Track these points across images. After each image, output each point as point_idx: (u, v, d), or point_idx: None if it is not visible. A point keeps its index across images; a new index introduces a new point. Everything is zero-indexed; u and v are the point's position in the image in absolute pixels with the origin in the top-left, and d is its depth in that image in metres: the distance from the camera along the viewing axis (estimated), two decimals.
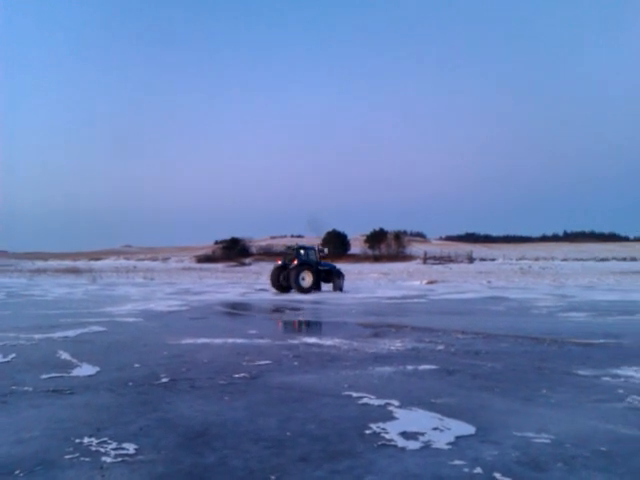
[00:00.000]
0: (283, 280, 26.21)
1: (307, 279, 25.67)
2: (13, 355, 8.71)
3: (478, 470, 3.86)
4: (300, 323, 13.51)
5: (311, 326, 12.97)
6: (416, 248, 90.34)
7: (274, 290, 26.29)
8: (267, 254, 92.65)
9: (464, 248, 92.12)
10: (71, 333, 11.45)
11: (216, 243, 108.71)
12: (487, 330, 11.47)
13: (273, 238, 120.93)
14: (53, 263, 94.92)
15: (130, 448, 4.30)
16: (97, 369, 7.62)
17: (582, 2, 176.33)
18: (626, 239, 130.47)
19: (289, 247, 29.21)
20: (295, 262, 25.95)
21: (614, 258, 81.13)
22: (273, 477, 3.75)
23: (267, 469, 3.90)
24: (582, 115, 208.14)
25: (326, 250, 29.97)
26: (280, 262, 27.19)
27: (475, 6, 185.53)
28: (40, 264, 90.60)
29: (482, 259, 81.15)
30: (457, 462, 4.03)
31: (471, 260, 77.81)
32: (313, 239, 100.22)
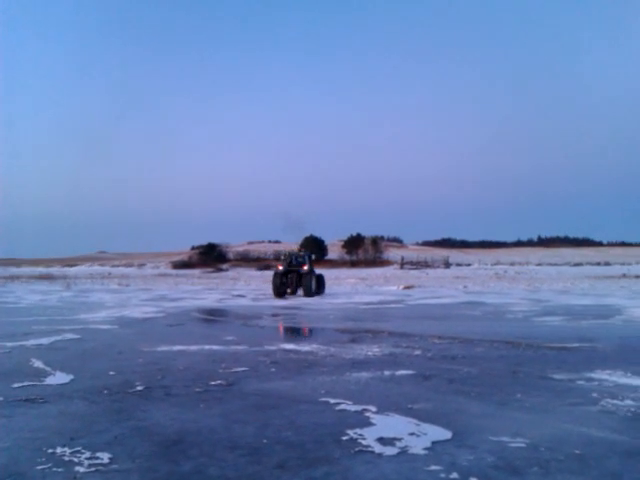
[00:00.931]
0: (283, 286, 26.09)
1: (314, 284, 26.11)
2: None
3: (454, 475, 3.88)
4: (278, 329, 13.48)
5: (289, 332, 12.95)
6: (393, 253, 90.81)
7: (275, 297, 25.67)
8: (244, 260, 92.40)
9: (440, 253, 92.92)
10: (45, 341, 11.27)
11: (192, 249, 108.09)
12: (463, 335, 11.55)
13: (250, 244, 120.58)
14: (26, 269, 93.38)
15: (104, 457, 4.24)
16: (71, 377, 7.51)
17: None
18: (600, 244, 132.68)
19: (286, 253, 29.59)
20: (306, 268, 26.43)
21: (588, 263, 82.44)
22: None
23: (244, 477, 3.87)
24: (557, 121, 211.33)
25: (314, 256, 30.17)
26: (282, 268, 26.82)
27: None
28: (13, 270, 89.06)
29: (458, 264, 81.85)
30: (433, 467, 4.05)
31: (447, 265, 78.48)
32: (290, 244, 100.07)
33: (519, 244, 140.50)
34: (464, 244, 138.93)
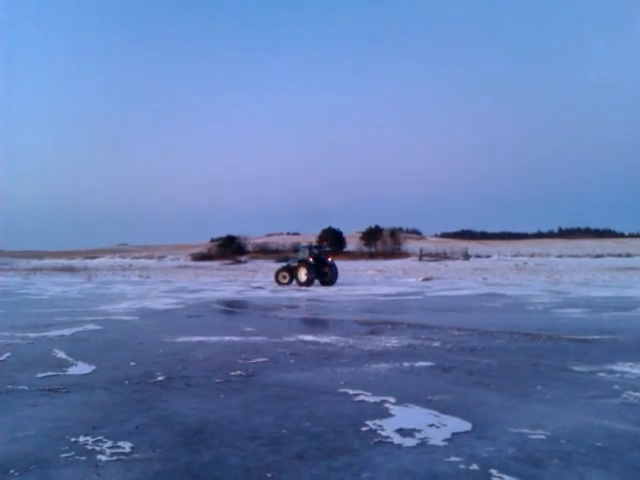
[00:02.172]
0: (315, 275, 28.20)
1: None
2: (8, 354, 8.69)
3: (474, 467, 3.87)
4: (296, 320, 13.51)
5: (307, 323, 12.97)
6: (412, 245, 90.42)
7: (302, 287, 27.42)
8: (263, 252, 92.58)
9: (459, 245, 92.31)
10: (67, 332, 11.42)
11: (212, 241, 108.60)
12: (483, 327, 11.49)
13: (269, 236, 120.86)
14: (49, 262, 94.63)
15: (126, 446, 4.30)
16: (93, 367, 7.61)
17: (584, 2, 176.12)
18: (621, 235, 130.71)
19: (307, 245, 31.38)
20: (330, 259, 29.31)
21: (609, 254, 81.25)
22: (269, 475, 3.75)
23: (263, 467, 3.90)
24: (576, 112, 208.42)
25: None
26: (312, 259, 28.76)
27: (474, 6, 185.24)
28: (36, 263, 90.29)
29: (477, 256, 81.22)
30: (453, 459, 4.04)
31: (467, 257, 77.94)
32: (309, 236, 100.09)
33: (539, 235, 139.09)
34: (483, 235, 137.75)
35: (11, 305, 19.15)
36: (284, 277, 28.93)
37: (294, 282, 28.44)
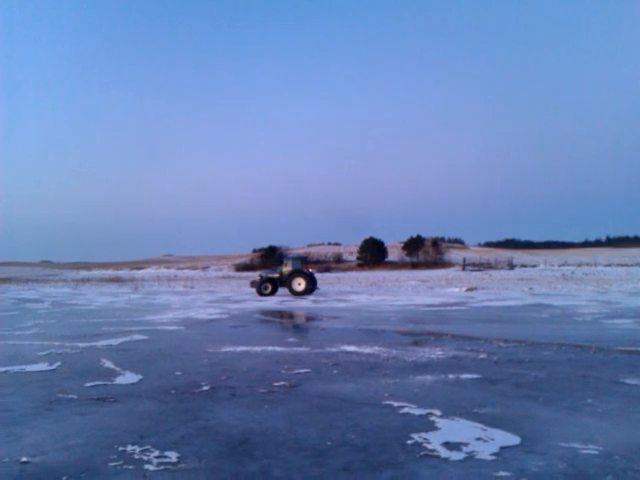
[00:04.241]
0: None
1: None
2: (58, 363, 8.92)
3: None
4: (338, 331, 13.45)
5: (349, 334, 12.89)
6: (454, 255, 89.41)
7: (301, 296, 29.85)
8: (305, 262, 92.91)
9: (504, 254, 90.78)
10: (114, 341, 11.67)
11: (254, 251, 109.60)
12: (530, 338, 11.23)
13: (310, 246, 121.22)
14: (97, 272, 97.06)
15: (172, 456, 4.35)
16: (140, 377, 7.74)
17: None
18: None
19: (297, 257, 35.13)
20: (310, 270, 32.59)
21: None
22: None
23: (308, 479, 3.88)
24: (620, 116, 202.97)
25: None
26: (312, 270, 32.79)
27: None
28: (84, 274, 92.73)
29: (523, 265, 79.69)
30: (502, 473, 3.94)
31: (511, 267, 76.53)
32: (350, 246, 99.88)
33: (587, 244, 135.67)
34: (529, 245, 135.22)
35: (61, 315, 19.68)
36: (266, 288, 30.52)
37: (270, 292, 30.43)
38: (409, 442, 4.67)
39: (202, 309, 21.16)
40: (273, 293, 30.47)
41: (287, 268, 31.09)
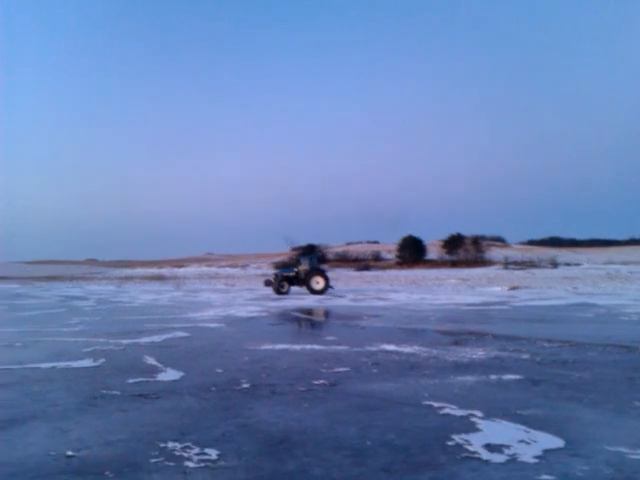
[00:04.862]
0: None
1: None
2: (103, 360, 9.12)
3: None
4: (378, 329, 13.40)
5: (389, 333, 12.82)
6: (495, 253, 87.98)
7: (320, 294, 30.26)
8: (343, 260, 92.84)
9: (547, 252, 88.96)
10: (157, 338, 11.88)
11: (293, 250, 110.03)
12: (574, 338, 10.98)
13: (349, 244, 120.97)
14: (140, 270, 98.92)
15: (212, 454, 4.39)
16: (181, 374, 7.86)
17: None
18: None
19: (315, 255, 35.56)
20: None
21: None
22: None
23: (348, 479, 3.87)
24: None
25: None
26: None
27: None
28: (128, 272, 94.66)
29: (567, 264, 77.95)
30: (545, 477, 3.86)
31: (555, 265, 74.94)
32: (388, 245, 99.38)
33: (632, 242, 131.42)
34: (573, 243, 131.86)
35: (105, 312, 20.14)
36: (283, 286, 30.67)
37: (284, 289, 30.60)
38: (450, 443, 4.61)
39: (242, 307, 21.38)
40: (288, 292, 30.78)
41: (304, 267, 31.35)
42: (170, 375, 7.82)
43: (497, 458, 4.25)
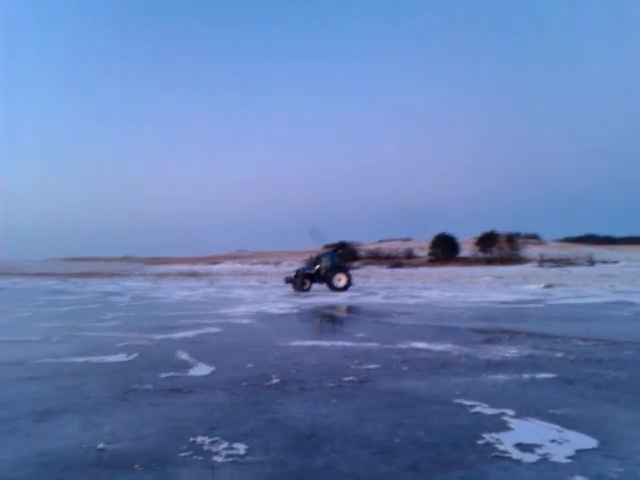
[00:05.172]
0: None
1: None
2: (136, 355, 9.25)
3: None
4: (409, 327, 13.30)
5: (421, 330, 12.71)
6: (531, 250, 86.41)
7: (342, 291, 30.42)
8: (375, 257, 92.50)
9: (584, 250, 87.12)
10: (189, 334, 12.01)
11: (325, 247, 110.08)
12: (610, 337, 10.72)
13: (381, 241, 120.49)
14: (174, 267, 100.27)
15: (240, 448, 4.41)
16: (212, 369, 7.92)
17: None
18: None
19: (335, 253, 34.68)
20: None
21: None
22: None
23: (375, 476, 3.85)
24: None
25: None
26: None
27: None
28: (163, 268, 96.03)
29: (604, 262, 76.12)
30: (578, 478, 3.78)
31: (592, 263, 73.32)
32: (421, 242, 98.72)
33: None
34: (609, 240, 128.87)
35: (140, 308, 20.45)
36: (304, 284, 30.58)
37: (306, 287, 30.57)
38: (480, 442, 4.55)
39: (274, 303, 21.47)
40: (309, 289, 30.71)
41: (325, 264, 31.21)
42: (202, 370, 7.88)
43: (528, 458, 4.17)
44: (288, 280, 32.03)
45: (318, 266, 31.36)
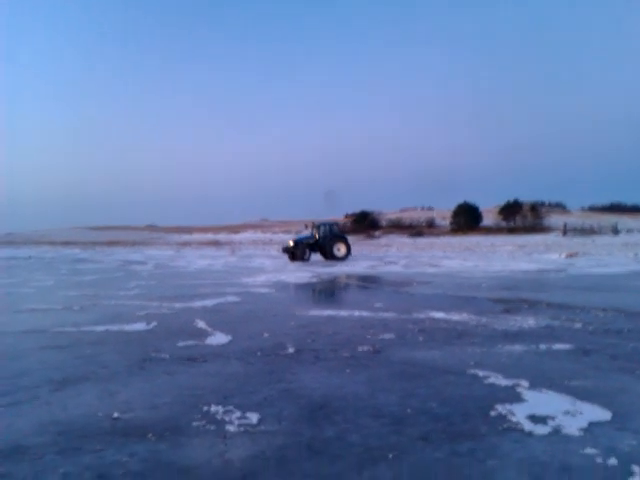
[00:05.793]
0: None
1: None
2: (155, 323, 9.38)
3: (613, 461, 3.57)
4: (428, 296, 13.27)
5: (439, 300, 12.68)
6: (555, 219, 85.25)
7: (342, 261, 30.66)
8: (396, 227, 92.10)
9: (608, 219, 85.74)
10: (209, 303, 12.13)
11: (346, 216, 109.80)
12: (631, 307, 10.59)
13: (403, 210, 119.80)
14: (197, 236, 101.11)
15: (253, 418, 4.45)
16: (229, 338, 8.00)
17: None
18: None
19: (334, 222, 33.93)
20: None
21: None
22: (390, 456, 3.71)
23: (385, 447, 3.86)
24: None
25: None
26: None
27: None
28: (186, 237, 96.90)
29: (629, 230, 74.94)
30: (589, 451, 3.75)
31: (616, 232, 72.22)
32: (442, 211, 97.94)
33: None
34: (635, 209, 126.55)
35: (162, 277, 20.71)
36: (305, 253, 30.54)
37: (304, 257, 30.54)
38: (492, 413, 4.53)
39: (293, 272, 21.58)
40: (309, 259, 30.64)
41: (324, 234, 31.06)
42: (219, 339, 7.96)
43: (540, 430, 4.15)
44: (285, 250, 31.70)
45: (317, 236, 31.13)
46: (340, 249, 30.89)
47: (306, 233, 32.54)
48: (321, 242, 30.84)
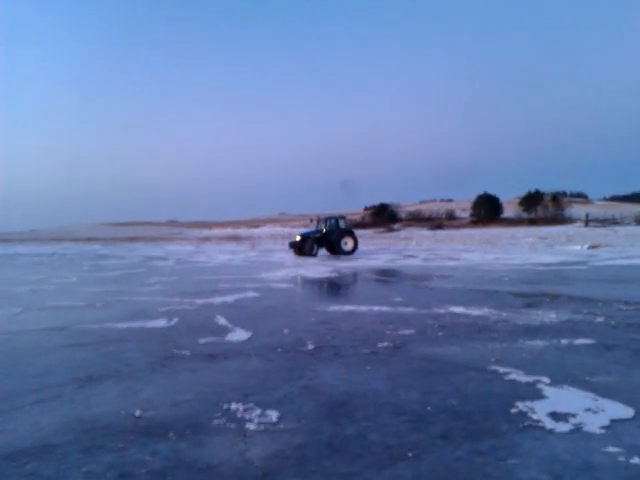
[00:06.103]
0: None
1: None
2: (176, 320, 9.47)
3: (636, 460, 3.54)
4: (448, 291, 13.22)
5: (459, 294, 12.62)
6: (576, 210, 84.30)
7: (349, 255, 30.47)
8: (416, 219, 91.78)
9: (632, 209, 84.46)
10: (229, 298, 12.21)
11: (365, 209, 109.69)
12: None
13: (422, 203, 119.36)
14: (217, 231, 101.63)
15: (273, 416, 4.48)
16: (249, 334, 8.04)
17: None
18: None
19: (340, 216, 33.15)
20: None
21: None
22: (410, 454, 3.72)
23: (405, 445, 3.87)
24: None
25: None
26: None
27: None
28: (206, 232, 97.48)
29: None
30: (611, 449, 3.72)
31: (639, 222, 71.18)
32: (462, 202, 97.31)
33: None
34: None
35: (183, 272, 20.88)
36: (312, 248, 30.10)
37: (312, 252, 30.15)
38: (513, 411, 4.52)
39: (313, 267, 21.61)
40: (317, 254, 30.35)
41: (330, 228, 30.89)
42: (239, 335, 8.02)
43: (561, 427, 4.13)
44: (292, 245, 31.42)
45: (324, 230, 30.91)
46: (347, 243, 30.66)
47: (312, 227, 32.43)
48: (328, 236, 30.63)
